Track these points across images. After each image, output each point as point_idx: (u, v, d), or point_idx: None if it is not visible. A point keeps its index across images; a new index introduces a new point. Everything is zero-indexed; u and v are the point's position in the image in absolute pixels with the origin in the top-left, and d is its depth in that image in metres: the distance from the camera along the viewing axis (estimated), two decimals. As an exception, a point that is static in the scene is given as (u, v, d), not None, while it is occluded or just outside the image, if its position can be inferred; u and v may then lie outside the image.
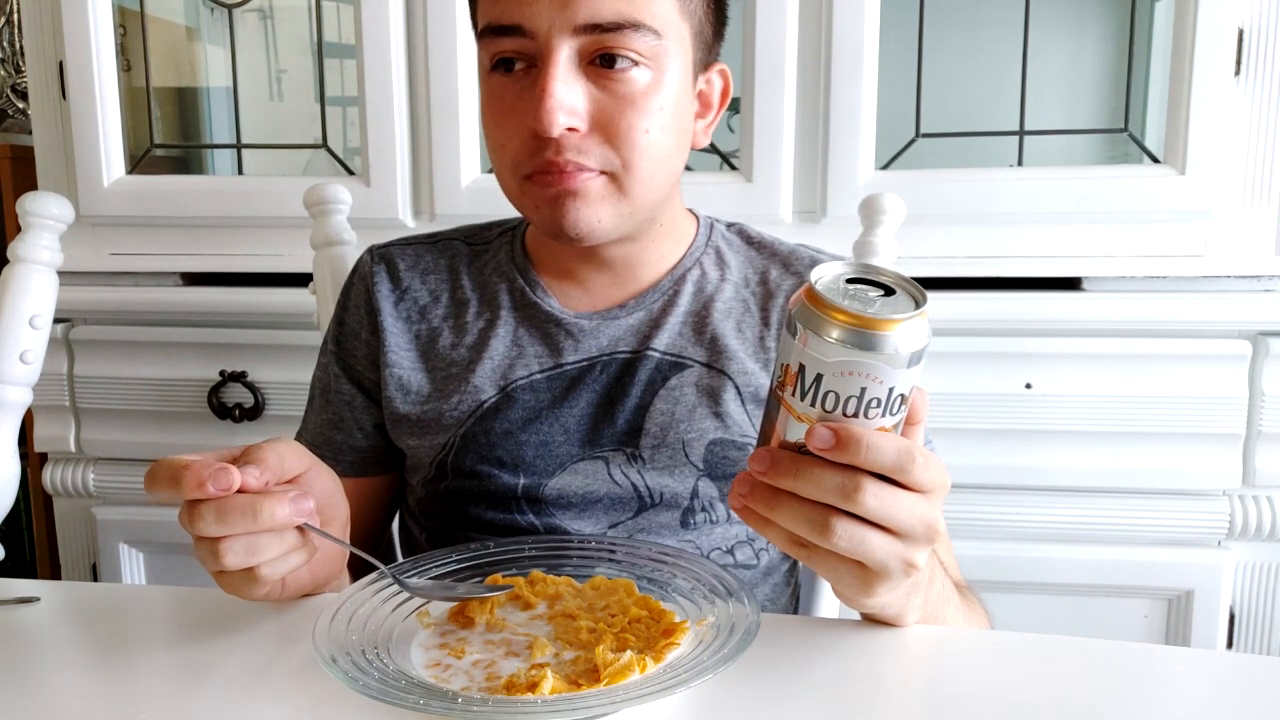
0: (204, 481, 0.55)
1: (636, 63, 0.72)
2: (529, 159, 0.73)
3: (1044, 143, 1.37)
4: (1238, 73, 1.25)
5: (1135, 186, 1.28)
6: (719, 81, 0.81)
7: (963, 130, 1.40)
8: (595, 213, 0.74)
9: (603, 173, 0.73)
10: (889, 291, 0.52)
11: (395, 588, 0.61)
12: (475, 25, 0.77)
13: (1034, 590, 1.33)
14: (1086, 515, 1.31)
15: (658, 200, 0.78)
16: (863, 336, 0.49)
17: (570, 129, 0.71)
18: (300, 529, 0.60)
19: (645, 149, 0.73)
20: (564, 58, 0.70)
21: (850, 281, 0.52)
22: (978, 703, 0.53)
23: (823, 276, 0.51)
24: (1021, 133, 1.34)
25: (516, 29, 0.71)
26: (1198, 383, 1.26)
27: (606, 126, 0.72)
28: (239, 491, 0.57)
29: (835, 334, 0.49)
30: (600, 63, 0.71)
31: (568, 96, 0.70)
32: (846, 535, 0.52)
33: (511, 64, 0.73)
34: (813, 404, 0.51)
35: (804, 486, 0.51)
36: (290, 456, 0.61)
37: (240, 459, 0.59)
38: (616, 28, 0.70)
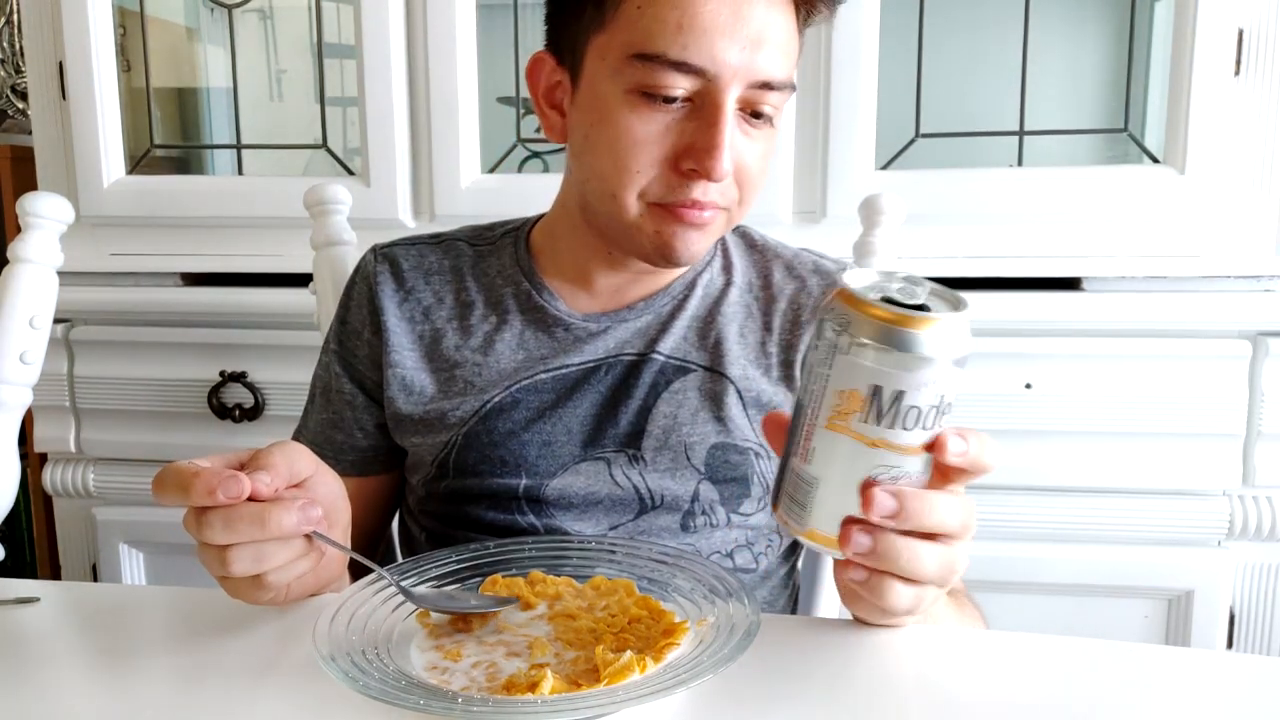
0: (214, 489, 0.55)
1: (773, 116, 0.75)
2: (666, 191, 0.74)
3: (1044, 143, 1.37)
4: (1238, 73, 1.25)
5: (1135, 186, 1.28)
6: None
7: (963, 130, 1.40)
8: (707, 242, 0.78)
9: (725, 208, 0.76)
10: (917, 292, 0.51)
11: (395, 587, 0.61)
12: (594, 31, 0.74)
13: (1034, 590, 1.33)
14: (1086, 515, 1.31)
15: None
16: (955, 342, 0.49)
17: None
18: (307, 535, 0.60)
19: (759, 186, 0.78)
20: (734, 106, 0.72)
21: (885, 299, 0.50)
22: (977, 703, 0.53)
23: (884, 288, 0.51)
24: (1021, 133, 1.34)
25: (698, 70, 0.70)
26: (1198, 383, 1.26)
27: (742, 171, 0.75)
28: (248, 498, 0.57)
29: (924, 347, 0.49)
30: (750, 113, 0.74)
31: (735, 145, 0.73)
32: (870, 587, 0.56)
33: (669, 97, 0.72)
34: (891, 425, 0.50)
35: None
36: (299, 461, 0.61)
37: (249, 464, 0.59)
38: (773, 87, 0.72)
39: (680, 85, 0.71)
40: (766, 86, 0.72)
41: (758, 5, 0.71)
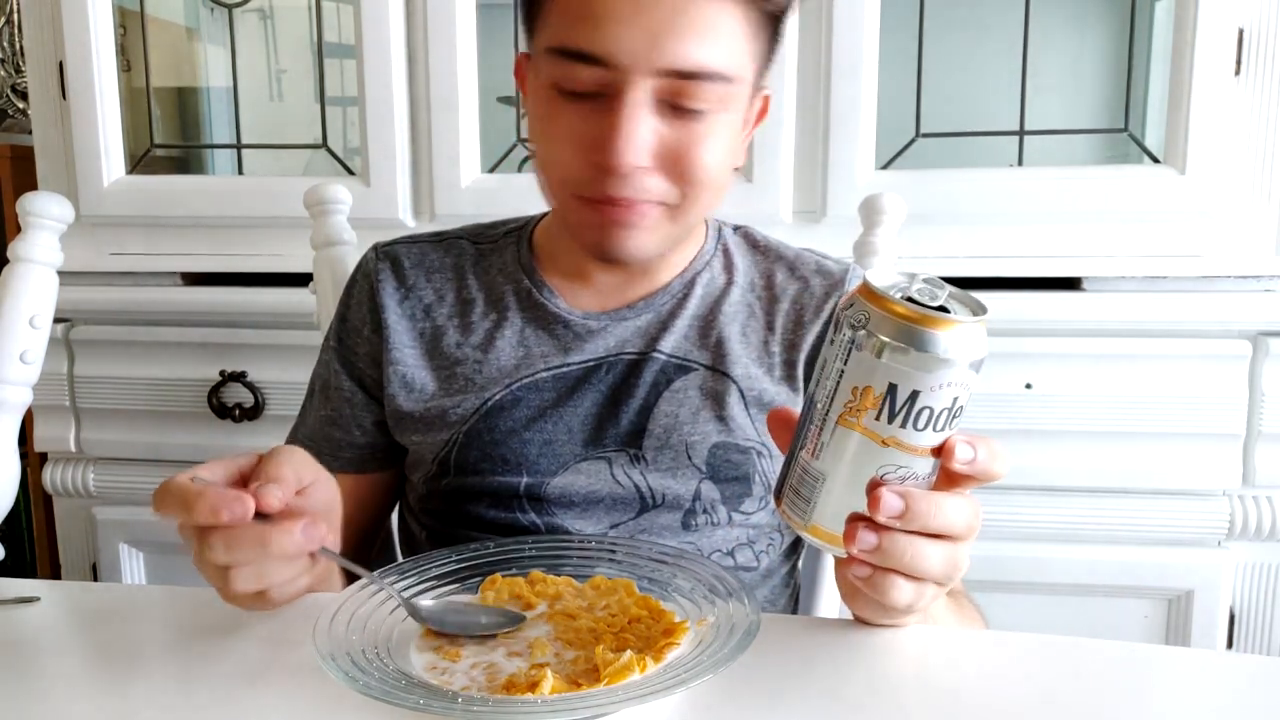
0: (218, 510, 0.54)
1: (708, 110, 0.72)
2: (587, 185, 0.73)
3: (1044, 143, 1.37)
4: (1238, 73, 1.25)
5: (1135, 186, 1.28)
6: (758, 104, 0.80)
7: (963, 130, 1.40)
8: (646, 240, 0.75)
9: (660, 204, 0.74)
10: (938, 295, 0.51)
11: (397, 587, 0.61)
12: (532, 30, 0.75)
13: (1034, 590, 1.33)
14: (1086, 515, 1.31)
15: (700, 220, 0.80)
16: (973, 346, 0.49)
17: (640, 165, 0.71)
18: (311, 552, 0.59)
19: (705, 182, 0.74)
20: (642, 96, 0.69)
21: (906, 298, 0.50)
22: (977, 703, 0.53)
23: (905, 288, 0.50)
24: (1021, 133, 1.34)
25: (597, 60, 0.69)
26: (1198, 383, 1.26)
27: (672, 163, 0.72)
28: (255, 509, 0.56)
29: (943, 348, 0.49)
30: (673, 106, 0.71)
31: (641, 136, 0.70)
32: (872, 584, 0.55)
33: (579, 91, 0.72)
34: (903, 424, 0.50)
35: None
36: (303, 469, 0.61)
37: (255, 474, 0.58)
38: (694, 76, 0.70)
39: (587, 77, 0.70)
40: (686, 76, 0.69)
41: None
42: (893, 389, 0.50)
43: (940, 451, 0.52)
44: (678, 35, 0.68)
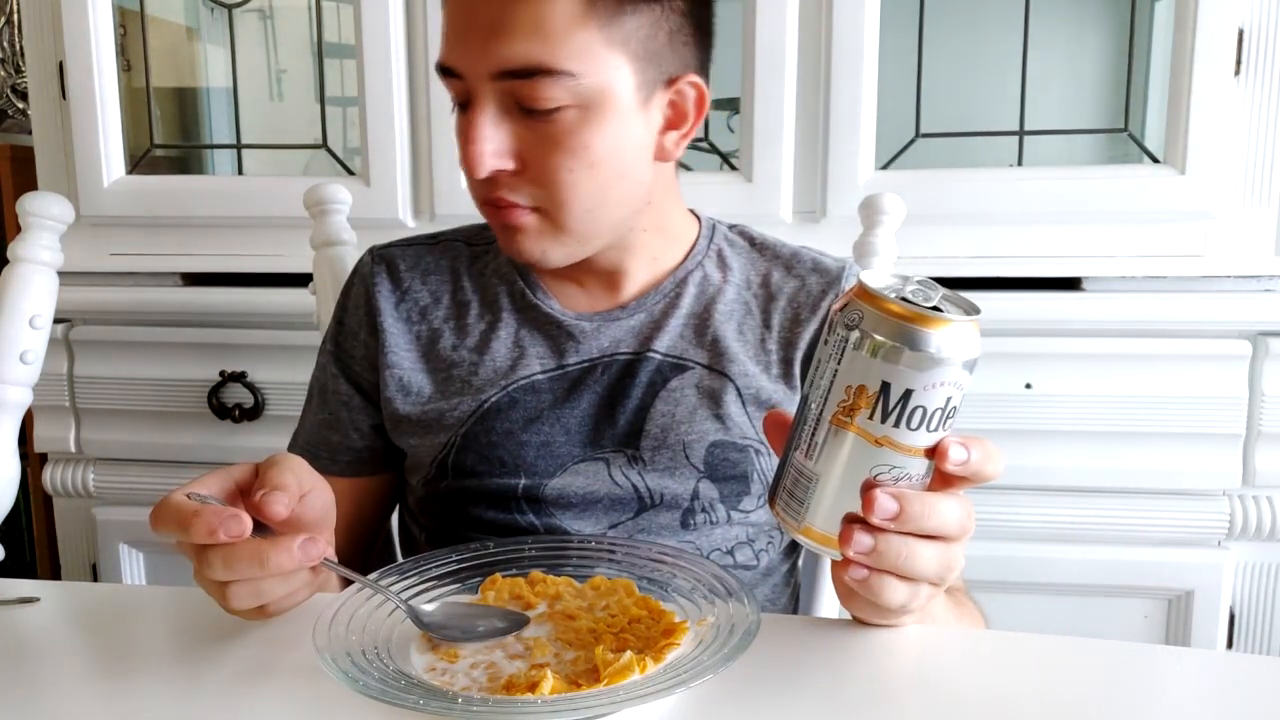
0: (215, 530, 0.54)
1: (560, 107, 0.71)
2: (474, 190, 0.77)
3: (1044, 143, 1.37)
4: (1238, 73, 1.25)
5: (1135, 186, 1.28)
6: (691, 92, 0.78)
7: (963, 130, 1.40)
8: (536, 245, 0.77)
9: (535, 209, 0.75)
10: (932, 295, 0.51)
11: (396, 588, 0.61)
12: None
13: (1034, 590, 1.33)
14: (1086, 515, 1.31)
15: (611, 226, 0.78)
16: (966, 346, 0.49)
17: (500, 170, 0.73)
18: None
19: (573, 187, 0.73)
20: (489, 101, 0.72)
21: (901, 298, 0.50)
22: (977, 703, 0.53)
23: (899, 289, 0.51)
24: (1021, 133, 1.34)
25: (453, 71, 0.72)
26: (1198, 383, 1.26)
27: (533, 167, 0.73)
28: (255, 512, 0.56)
29: (936, 347, 0.49)
30: (522, 108, 0.72)
31: (492, 140, 0.72)
32: (867, 585, 0.55)
33: (456, 103, 0.75)
34: (896, 424, 0.50)
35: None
36: (304, 476, 0.61)
37: (258, 482, 0.58)
38: (529, 74, 0.69)
39: (455, 89, 0.74)
40: (520, 75, 0.69)
41: None
42: (886, 388, 0.50)
43: (934, 452, 0.52)
44: (504, 36, 0.69)
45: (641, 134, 0.76)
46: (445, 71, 0.73)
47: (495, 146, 0.72)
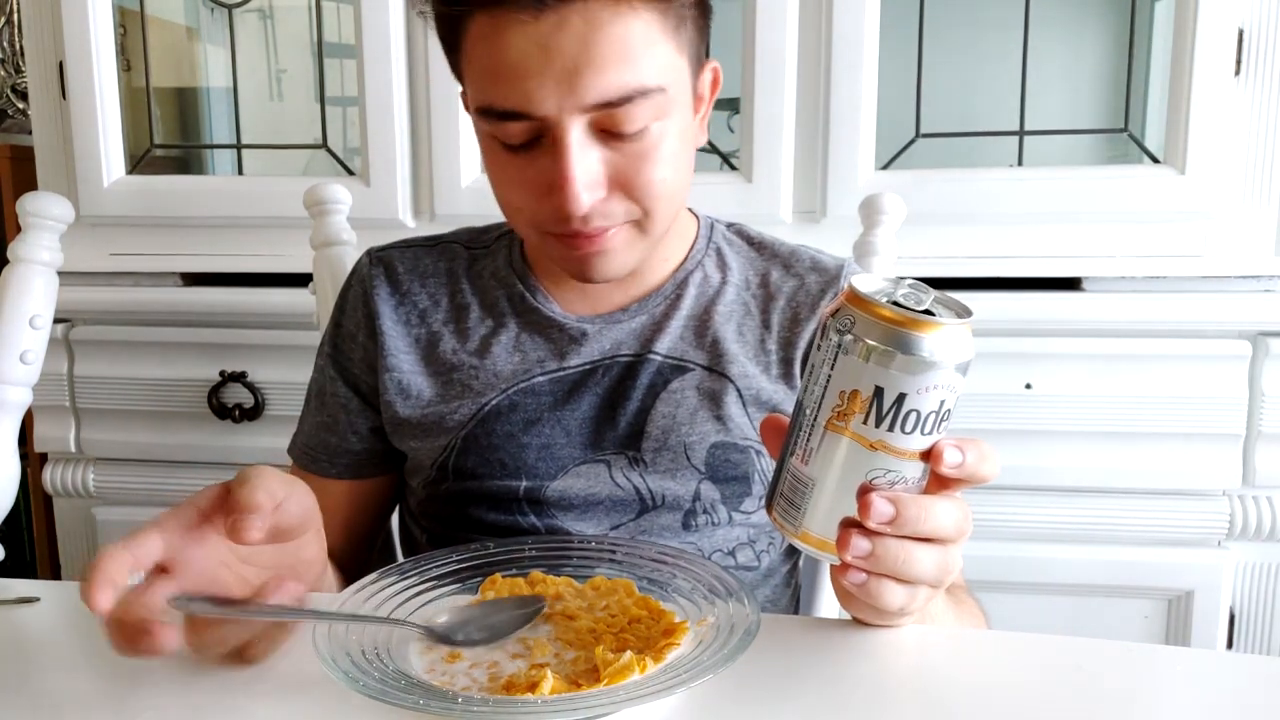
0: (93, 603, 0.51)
1: (645, 128, 0.70)
2: (554, 224, 0.72)
3: (1044, 143, 1.37)
4: (1238, 73, 1.25)
5: (1135, 186, 1.28)
6: (709, 76, 0.79)
7: (963, 130, 1.40)
8: (623, 259, 0.75)
9: (626, 223, 0.74)
10: (923, 299, 0.51)
11: (396, 588, 0.61)
12: (461, 82, 0.75)
13: (1034, 590, 1.33)
14: (1086, 515, 1.31)
15: (674, 221, 0.79)
16: (958, 348, 0.49)
17: (595, 199, 0.70)
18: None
19: (664, 192, 0.73)
20: (577, 137, 0.68)
21: (892, 302, 0.51)
22: (977, 703, 0.53)
23: (890, 292, 0.51)
24: (1021, 133, 1.34)
25: (524, 115, 0.68)
26: (1198, 383, 1.26)
27: (626, 184, 0.71)
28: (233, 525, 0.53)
29: (928, 351, 0.49)
30: (611, 133, 0.70)
31: (586, 173, 0.69)
32: (865, 588, 0.55)
33: (514, 144, 0.71)
34: (890, 428, 0.50)
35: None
36: (276, 488, 0.56)
37: (230, 503, 0.54)
38: (622, 102, 0.68)
39: (519, 130, 0.69)
40: (614, 105, 0.67)
41: (569, 31, 0.65)
42: (879, 392, 0.50)
43: (929, 455, 0.52)
44: (594, 69, 0.66)
45: (693, 123, 0.77)
46: (510, 116, 0.69)
47: (589, 179, 0.69)
